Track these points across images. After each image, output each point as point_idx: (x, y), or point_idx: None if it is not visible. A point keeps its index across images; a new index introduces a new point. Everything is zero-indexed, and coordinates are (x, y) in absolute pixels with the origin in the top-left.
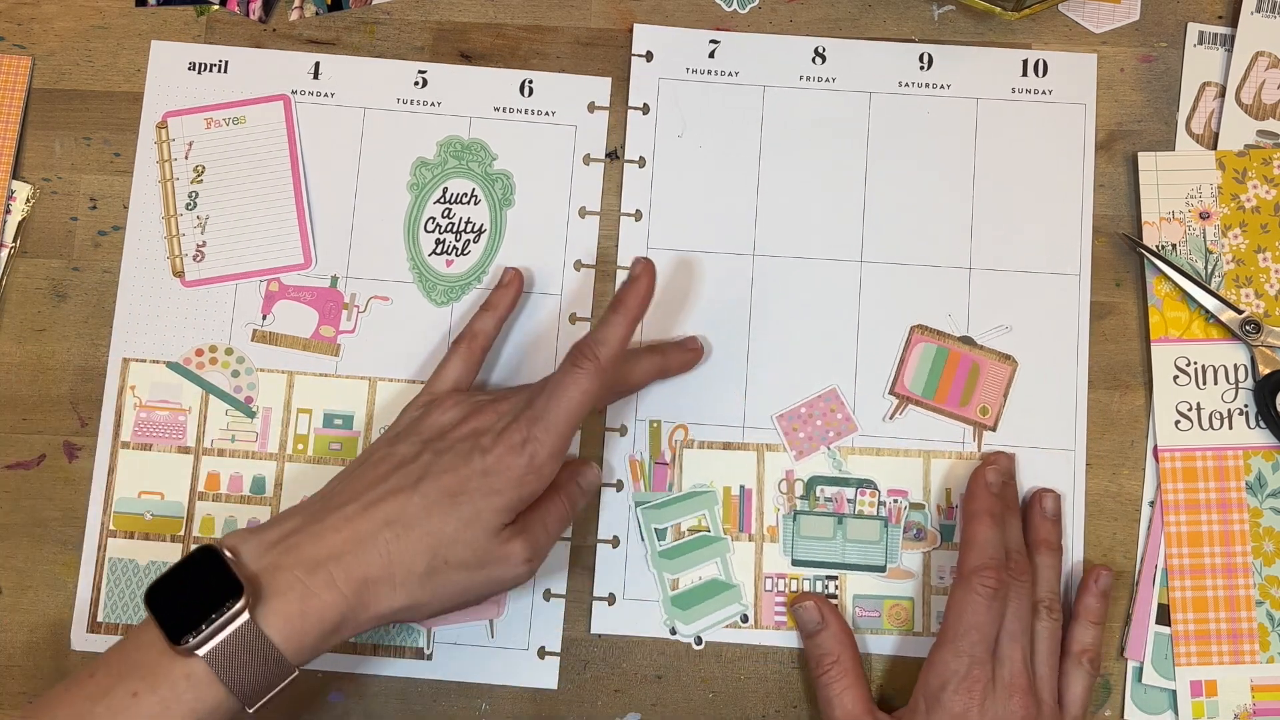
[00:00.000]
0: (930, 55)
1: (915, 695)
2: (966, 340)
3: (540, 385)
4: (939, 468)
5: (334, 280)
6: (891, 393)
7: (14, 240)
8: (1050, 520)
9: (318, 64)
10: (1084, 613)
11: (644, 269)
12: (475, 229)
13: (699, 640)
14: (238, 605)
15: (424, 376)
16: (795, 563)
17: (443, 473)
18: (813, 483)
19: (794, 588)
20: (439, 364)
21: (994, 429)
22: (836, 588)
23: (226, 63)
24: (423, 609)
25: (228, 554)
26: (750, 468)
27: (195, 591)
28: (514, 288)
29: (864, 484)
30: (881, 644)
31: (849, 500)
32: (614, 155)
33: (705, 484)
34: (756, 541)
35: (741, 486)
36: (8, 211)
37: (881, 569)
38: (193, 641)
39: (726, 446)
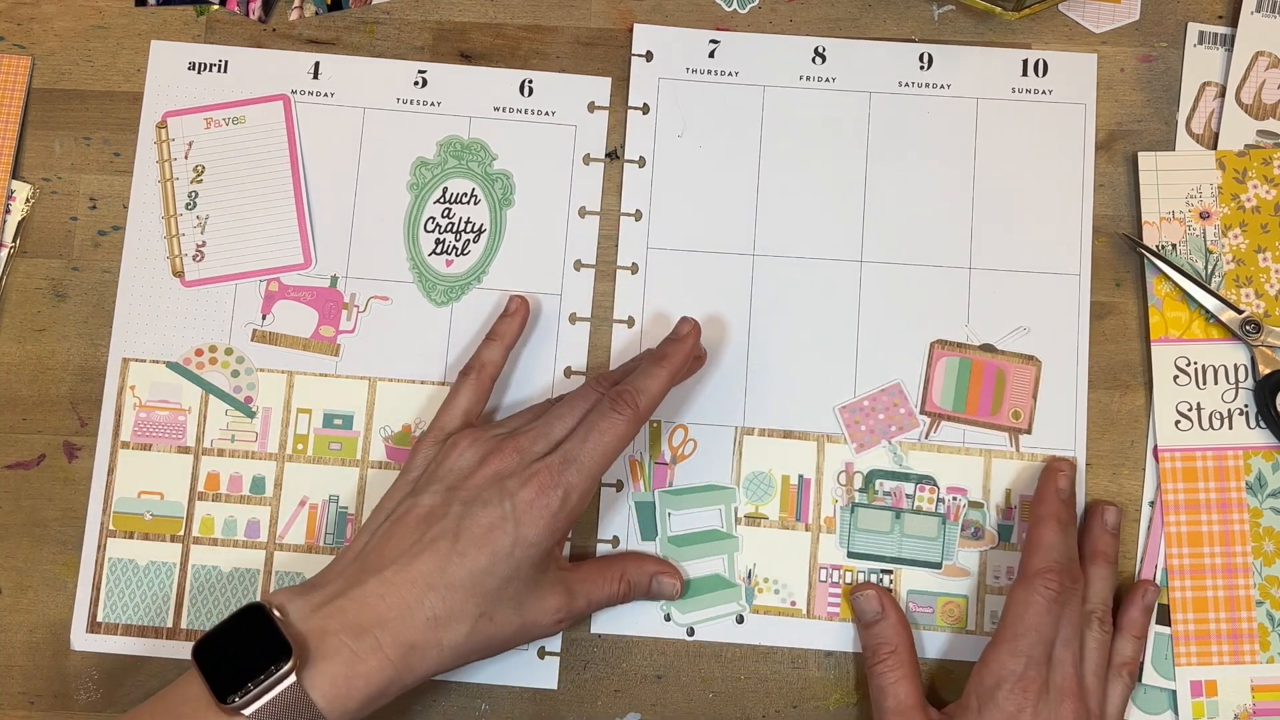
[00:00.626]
0: (930, 55)
1: (968, 692)
2: (987, 348)
3: (557, 415)
4: (1000, 467)
5: (334, 280)
6: (923, 412)
7: (14, 240)
8: (1110, 534)
9: (317, 64)
10: (1129, 626)
11: (692, 330)
12: (475, 229)
13: (690, 632)
14: (286, 667)
15: (424, 376)
16: (851, 555)
17: (475, 526)
18: (872, 476)
19: (848, 579)
20: (446, 397)
21: (1029, 431)
22: (891, 583)
23: (226, 62)
24: (465, 663)
25: (276, 613)
26: (810, 458)
27: (243, 649)
28: (519, 317)
29: (924, 480)
30: (934, 641)
31: (908, 495)
32: (614, 155)
33: (765, 471)
34: (813, 532)
35: (800, 476)
36: (8, 211)
37: (937, 566)
38: (239, 701)
39: (787, 435)
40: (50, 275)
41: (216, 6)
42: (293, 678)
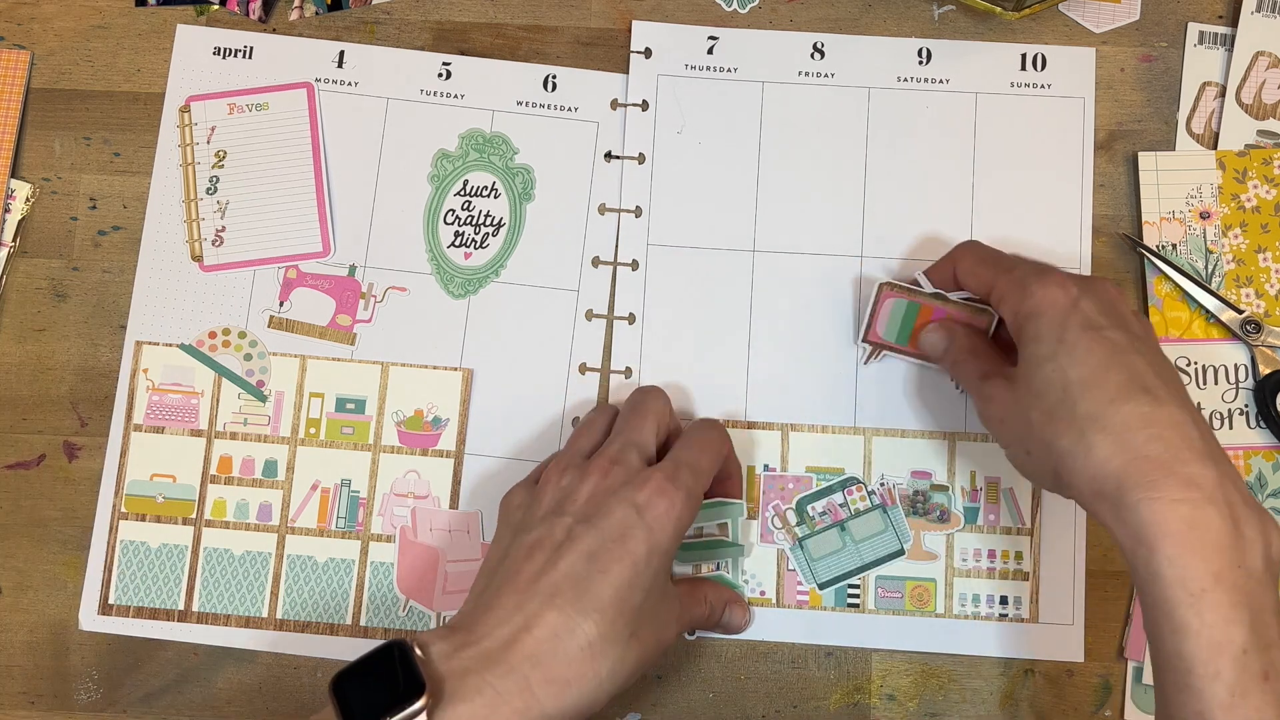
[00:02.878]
0: (929, 50)
1: (1024, 333)
2: (938, 295)
3: (636, 425)
4: (964, 450)
5: (352, 269)
6: (864, 340)
7: (14, 240)
8: None
9: (342, 53)
10: None
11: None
12: (494, 222)
13: (690, 631)
14: (416, 705)
15: (437, 363)
16: (822, 585)
17: (608, 540)
18: (801, 505)
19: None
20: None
21: None
22: (860, 579)
23: (251, 48)
24: (612, 694)
25: (418, 651)
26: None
27: (380, 685)
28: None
29: (848, 483)
30: (904, 626)
31: (840, 505)
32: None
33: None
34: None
35: (765, 465)
36: (7, 210)
37: (900, 553)
38: None
39: (751, 426)
40: (50, 275)
41: (216, 6)
42: (423, 717)
